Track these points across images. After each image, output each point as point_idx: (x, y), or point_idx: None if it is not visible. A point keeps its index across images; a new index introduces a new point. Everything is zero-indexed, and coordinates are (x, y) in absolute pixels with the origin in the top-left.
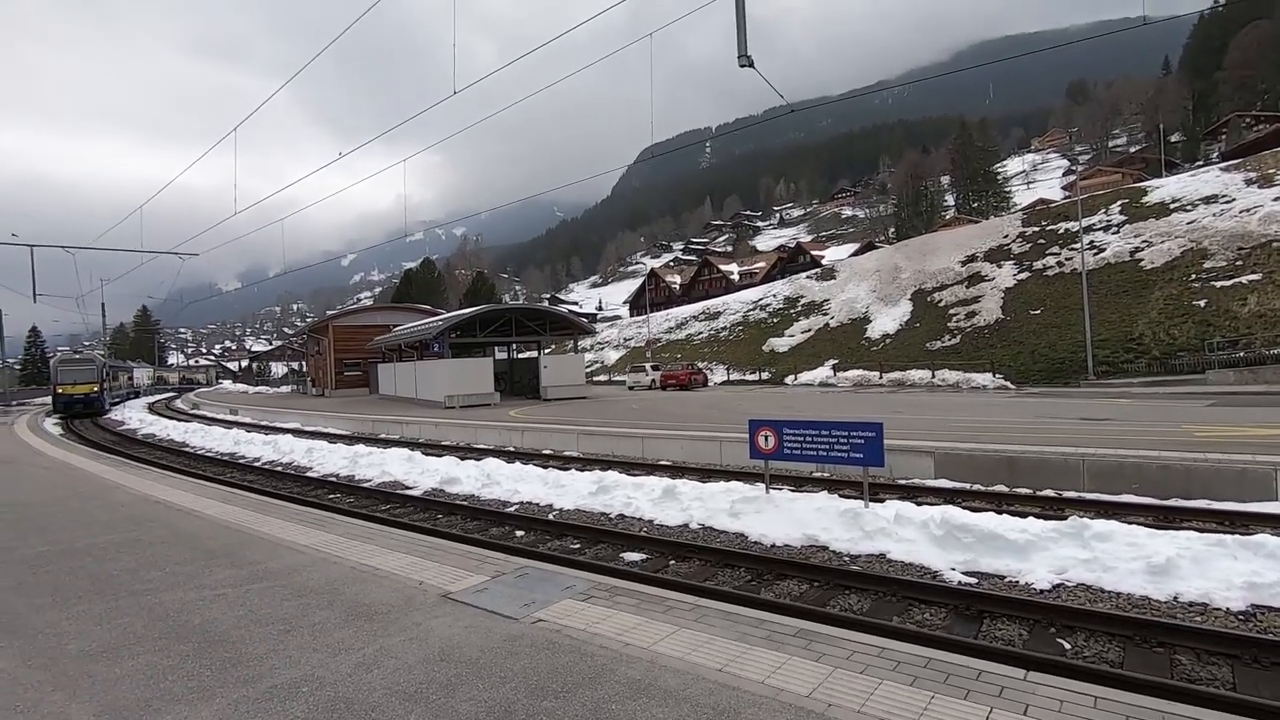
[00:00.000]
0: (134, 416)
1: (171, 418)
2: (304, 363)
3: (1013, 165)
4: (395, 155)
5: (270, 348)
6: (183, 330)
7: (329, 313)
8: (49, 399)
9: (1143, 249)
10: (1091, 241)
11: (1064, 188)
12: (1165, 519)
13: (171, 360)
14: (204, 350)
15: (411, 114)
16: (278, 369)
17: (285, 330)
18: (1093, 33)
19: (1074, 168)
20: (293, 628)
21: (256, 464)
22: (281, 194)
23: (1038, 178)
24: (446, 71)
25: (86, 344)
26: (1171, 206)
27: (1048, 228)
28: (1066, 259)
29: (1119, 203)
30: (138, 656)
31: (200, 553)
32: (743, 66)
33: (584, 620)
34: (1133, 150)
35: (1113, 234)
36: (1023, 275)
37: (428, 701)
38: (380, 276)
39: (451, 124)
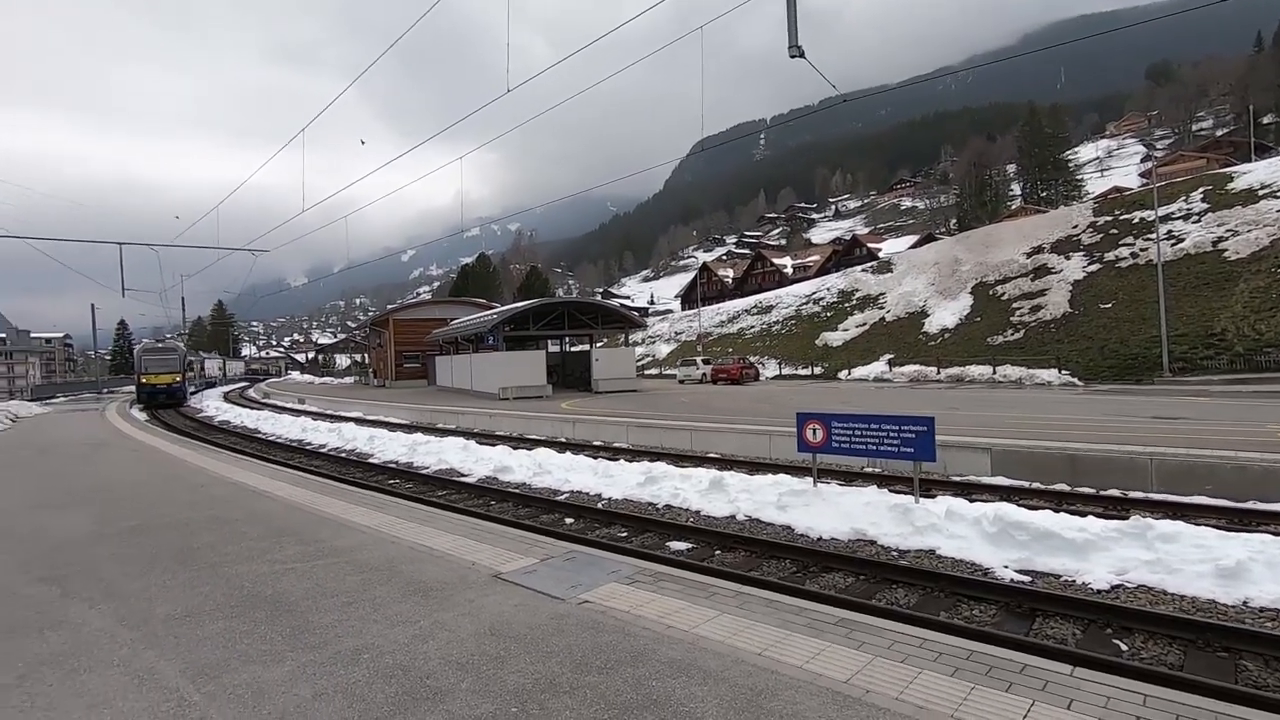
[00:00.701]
0: (210, 405)
1: (245, 406)
2: (366, 355)
3: (1085, 152)
4: (454, 153)
5: (334, 340)
6: (254, 323)
7: (389, 307)
8: (133, 388)
9: (1227, 239)
10: (1169, 231)
11: (1141, 175)
12: (1240, 522)
13: (245, 352)
14: (274, 342)
15: (467, 112)
16: (341, 361)
17: (349, 324)
18: (1176, 9)
19: (1153, 154)
20: (355, 600)
21: (322, 450)
22: (345, 192)
23: (1112, 165)
24: (502, 69)
25: (168, 335)
26: (1260, 193)
27: (1121, 217)
28: (1141, 250)
29: (1201, 190)
30: (217, 621)
31: (272, 530)
32: (793, 57)
33: (628, 603)
34: (1219, 134)
35: (1193, 223)
36: (1093, 267)
37: (478, 671)
38: (438, 272)
39: (506, 121)
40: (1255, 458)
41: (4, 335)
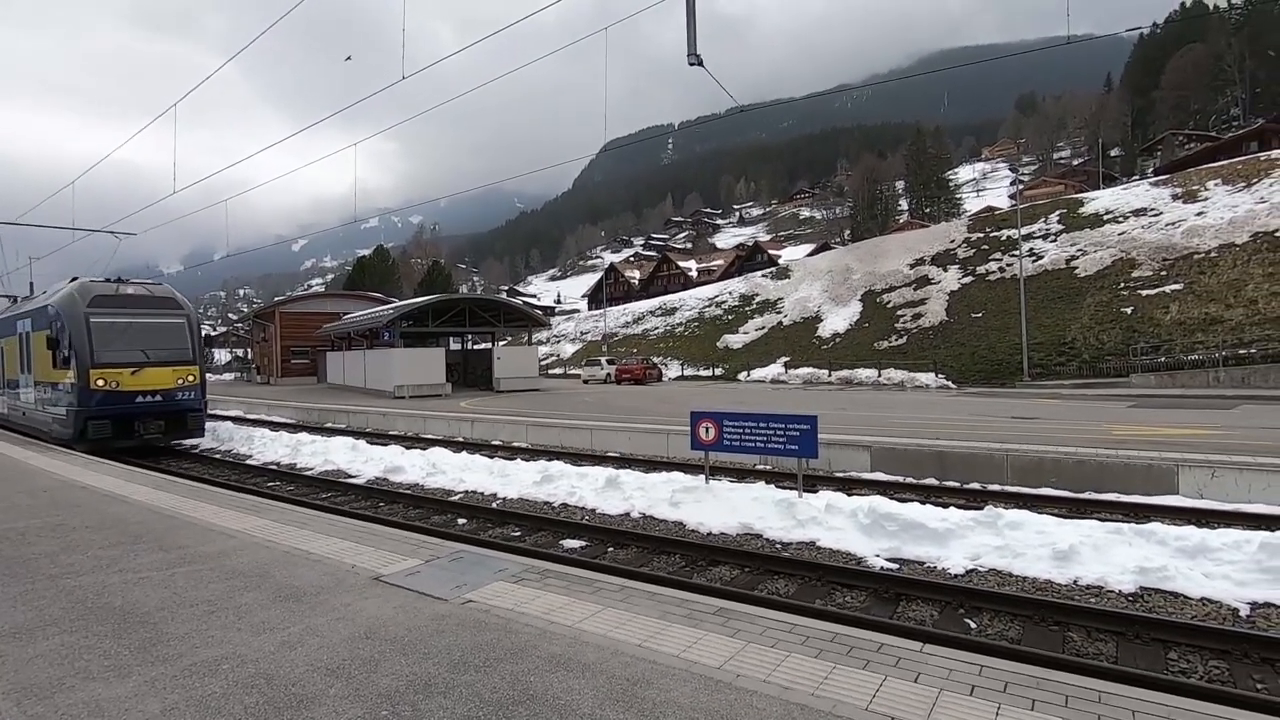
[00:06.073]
0: None
1: None
2: (249, 350)
3: (964, 173)
4: (350, 139)
5: (214, 334)
6: None
7: (277, 299)
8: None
9: (1077, 257)
10: (1031, 249)
11: (1010, 197)
12: (1077, 510)
13: None
14: None
15: (361, 98)
16: (221, 355)
17: (230, 316)
18: (1040, 46)
19: (1019, 178)
20: (217, 609)
21: (193, 451)
22: (228, 173)
23: (987, 186)
24: (409, 54)
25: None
26: (1105, 218)
27: (991, 234)
28: (1007, 265)
29: (1057, 213)
30: (53, 637)
31: (126, 537)
32: (692, 65)
33: (512, 600)
34: (1075, 163)
35: (1050, 242)
36: (966, 279)
37: (349, 676)
38: (333, 263)
39: (406, 109)
40: (1092, 453)
41: None
